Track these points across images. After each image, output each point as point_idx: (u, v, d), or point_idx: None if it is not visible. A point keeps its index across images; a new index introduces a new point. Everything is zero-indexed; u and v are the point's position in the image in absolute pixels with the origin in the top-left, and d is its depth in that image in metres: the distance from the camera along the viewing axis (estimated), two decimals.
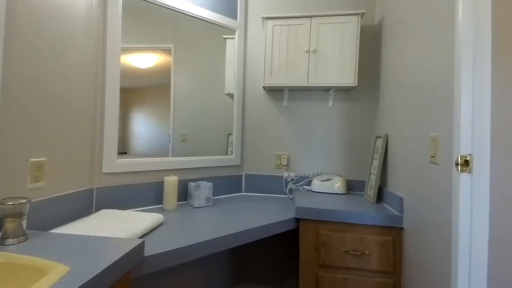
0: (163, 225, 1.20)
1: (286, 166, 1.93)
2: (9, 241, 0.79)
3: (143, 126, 1.52)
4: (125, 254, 0.78)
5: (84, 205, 1.23)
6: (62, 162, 1.11)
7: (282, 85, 1.75)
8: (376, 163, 1.57)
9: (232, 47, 1.88)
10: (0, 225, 0.82)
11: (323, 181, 1.78)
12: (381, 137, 1.57)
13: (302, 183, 1.89)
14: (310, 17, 1.72)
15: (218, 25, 1.79)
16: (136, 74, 1.49)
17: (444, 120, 0.96)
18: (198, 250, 1.04)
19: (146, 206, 1.47)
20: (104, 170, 1.32)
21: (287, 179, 1.90)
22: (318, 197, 1.64)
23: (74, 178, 1.19)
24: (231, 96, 1.89)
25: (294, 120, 1.94)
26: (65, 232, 0.98)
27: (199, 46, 1.72)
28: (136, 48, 1.48)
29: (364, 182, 1.77)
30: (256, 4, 1.97)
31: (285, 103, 1.92)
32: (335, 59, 1.69)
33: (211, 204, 1.58)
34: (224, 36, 1.84)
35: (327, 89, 1.84)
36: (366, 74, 1.86)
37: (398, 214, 1.29)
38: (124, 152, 1.44)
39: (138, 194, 1.44)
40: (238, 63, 1.90)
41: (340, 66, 1.69)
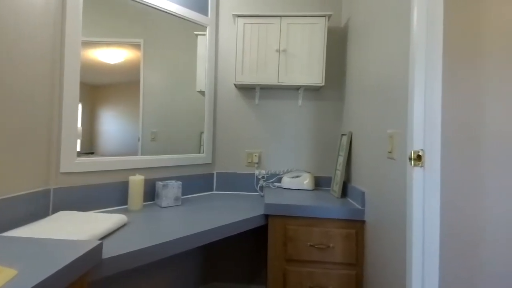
0: (127, 226, 1.16)
1: (258, 163, 1.94)
2: None
3: (112, 125, 1.46)
4: (79, 256, 0.74)
5: (39, 207, 1.16)
6: (13, 161, 1.03)
7: (253, 83, 1.76)
8: (341, 160, 1.63)
9: (203, 44, 1.86)
10: None
11: (293, 178, 1.82)
12: (346, 134, 1.64)
13: (272, 180, 1.91)
14: (280, 16, 1.74)
15: (189, 20, 1.76)
16: (104, 70, 1.42)
17: (400, 118, 1.02)
18: (162, 250, 1.02)
19: (110, 207, 1.41)
20: (62, 170, 1.25)
21: (258, 177, 1.92)
22: (288, 193, 1.67)
23: (28, 178, 1.11)
24: (203, 93, 1.86)
25: (266, 118, 1.95)
26: (16, 235, 0.91)
27: (170, 42, 1.68)
28: (104, 42, 1.41)
29: (331, 178, 1.83)
30: (227, 0, 1.96)
31: (256, 101, 1.93)
32: (304, 59, 1.73)
33: (180, 203, 1.55)
34: (195, 32, 1.81)
35: (297, 88, 1.88)
36: (333, 75, 1.92)
37: (360, 207, 1.36)
38: (91, 152, 1.38)
39: (101, 195, 1.37)
40: (209, 60, 1.88)
41: (308, 66, 1.73)
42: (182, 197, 1.72)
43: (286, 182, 1.82)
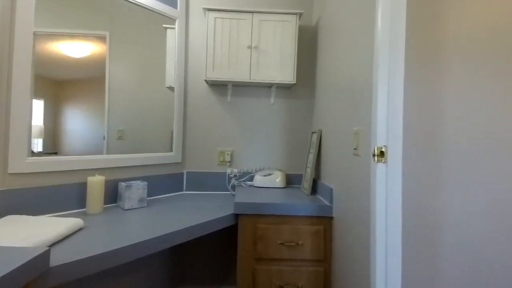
0: (83, 230, 1.08)
1: (230, 162, 1.91)
2: None
3: (77, 123, 1.36)
4: (22, 264, 0.67)
5: None
6: None
7: (224, 79, 1.72)
8: (311, 157, 1.64)
9: (173, 38, 1.79)
10: None
11: (265, 176, 1.81)
12: (316, 132, 1.65)
13: (245, 179, 1.89)
14: (252, 12, 1.72)
15: (157, 13, 1.68)
16: (69, 64, 1.33)
17: (365, 116, 1.03)
18: (118, 256, 0.95)
19: (67, 211, 1.31)
20: (10, 170, 1.14)
21: (230, 176, 1.89)
22: (259, 192, 1.66)
23: None
24: (173, 89, 1.80)
25: (238, 116, 1.92)
26: None
27: (138, 35, 1.60)
28: (67, 34, 1.32)
29: (302, 176, 1.84)
30: None
31: (229, 99, 1.90)
32: (276, 57, 1.72)
33: (146, 205, 1.48)
34: (164, 25, 1.74)
35: (269, 85, 1.86)
36: (305, 73, 1.93)
37: (328, 204, 1.37)
38: (54, 152, 1.28)
39: (57, 197, 1.27)
40: (179, 55, 1.82)
41: (280, 64, 1.72)
42: (150, 198, 1.64)
43: (258, 180, 1.81)
